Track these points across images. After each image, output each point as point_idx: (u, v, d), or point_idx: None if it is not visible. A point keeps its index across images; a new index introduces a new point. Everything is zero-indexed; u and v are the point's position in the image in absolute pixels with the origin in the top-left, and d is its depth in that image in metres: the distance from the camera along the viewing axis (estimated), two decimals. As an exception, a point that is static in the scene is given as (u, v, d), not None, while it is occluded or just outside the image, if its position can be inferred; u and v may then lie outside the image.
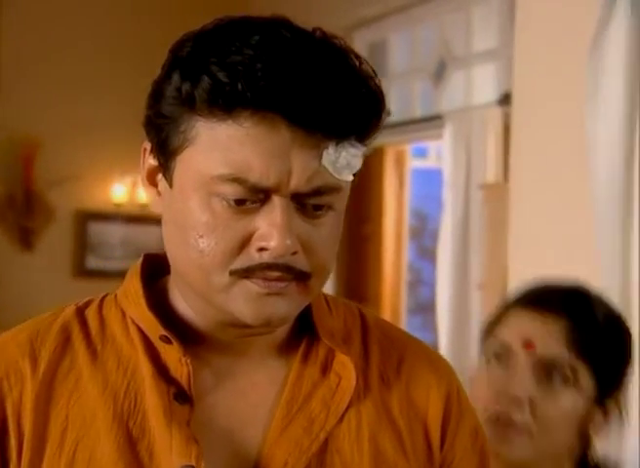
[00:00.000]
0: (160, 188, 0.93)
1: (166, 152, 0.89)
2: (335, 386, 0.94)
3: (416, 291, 7.09)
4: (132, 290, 0.97)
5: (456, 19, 4.57)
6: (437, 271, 4.65)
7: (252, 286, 0.87)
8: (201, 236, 0.87)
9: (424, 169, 6.36)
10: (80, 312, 0.97)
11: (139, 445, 0.89)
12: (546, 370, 1.30)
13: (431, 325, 6.80)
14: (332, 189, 0.88)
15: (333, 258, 0.91)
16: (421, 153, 6.31)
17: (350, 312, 1.02)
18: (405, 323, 5.87)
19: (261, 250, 0.86)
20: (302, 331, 0.97)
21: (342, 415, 0.93)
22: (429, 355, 1.03)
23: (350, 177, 0.88)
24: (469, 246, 4.45)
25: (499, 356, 1.32)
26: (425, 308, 7.17)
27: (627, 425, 1.36)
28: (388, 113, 0.91)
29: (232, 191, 0.86)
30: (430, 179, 6.17)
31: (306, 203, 0.88)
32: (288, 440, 0.91)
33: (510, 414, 1.30)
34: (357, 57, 0.89)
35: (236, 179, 0.85)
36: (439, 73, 4.78)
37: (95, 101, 5.71)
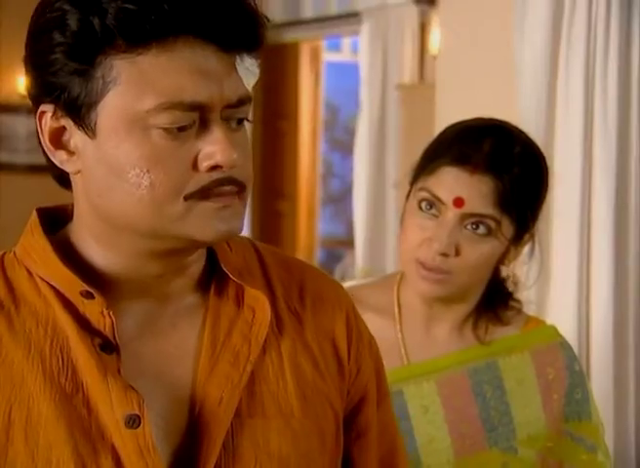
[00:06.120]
0: (72, 147, 0.91)
1: (81, 106, 0.88)
2: (250, 319, 0.97)
3: (327, 182, 7.18)
4: (36, 247, 0.95)
5: None
6: (354, 169, 4.72)
7: (209, 204, 0.89)
8: (147, 171, 0.87)
9: (338, 62, 6.35)
10: None
11: (74, 399, 0.90)
12: (472, 222, 1.40)
13: (343, 216, 6.93)
14: (249, 99, 0.92)
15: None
16: (335, 47, 6.29)
17: (246, 247, 1.04)
18: (319, 214, 5.97)
19: (210, 169, 0.89)
20: (211, 271, 1.00)
21: (263, 347, 0.97)
22: (324, 278, 1.08)
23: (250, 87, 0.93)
24: (386, 145, 4.52)
25: (429, 203, 1.42)
26: (336, 199, 7.28)
27: (538, 251, 1.50)
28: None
29: (172, 118, 0.87)
30: (343, 73, 6.17)
31: (231, 118, 0.91)
32: (218, 377, 0.94)
33: (435, 262, 1.41)
34: None
35: (172, 105, 0.87)
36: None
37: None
